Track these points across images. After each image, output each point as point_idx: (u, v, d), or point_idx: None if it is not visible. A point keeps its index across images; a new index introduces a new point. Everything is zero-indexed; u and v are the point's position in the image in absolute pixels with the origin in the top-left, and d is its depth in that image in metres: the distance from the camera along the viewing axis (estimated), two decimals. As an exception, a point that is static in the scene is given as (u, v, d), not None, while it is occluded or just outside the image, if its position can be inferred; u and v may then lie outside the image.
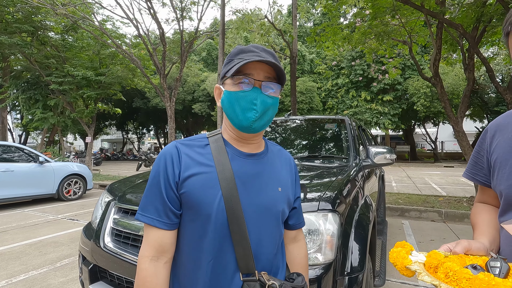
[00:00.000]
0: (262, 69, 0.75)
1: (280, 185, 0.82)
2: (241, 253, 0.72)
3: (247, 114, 0.74)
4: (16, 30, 11.03)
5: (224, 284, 0.73)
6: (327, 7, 6.99)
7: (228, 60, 0.79)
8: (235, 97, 0.75)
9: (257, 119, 0.74)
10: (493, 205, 0.86)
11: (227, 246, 0.73)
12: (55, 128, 16.77)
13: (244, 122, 0.74)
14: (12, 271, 2.98)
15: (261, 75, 0.75)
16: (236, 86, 0.75)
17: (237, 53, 0.77)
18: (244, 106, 0.74)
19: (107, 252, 1.51)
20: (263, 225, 0.77)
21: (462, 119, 5.47)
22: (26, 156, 6.44)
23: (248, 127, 0.75)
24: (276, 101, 0.78)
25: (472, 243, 0.69)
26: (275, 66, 0.75)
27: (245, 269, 0.73)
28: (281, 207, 0.80)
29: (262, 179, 0.79)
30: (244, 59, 0.73)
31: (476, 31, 5.23)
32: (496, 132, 0.79)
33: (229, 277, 0.73)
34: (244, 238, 0.72)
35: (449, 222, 4.81)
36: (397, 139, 28.76)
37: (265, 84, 0.75)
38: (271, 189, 0.79)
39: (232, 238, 0.72)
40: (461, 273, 0.53)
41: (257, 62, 0.73)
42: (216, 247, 0.72)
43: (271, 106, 0.77)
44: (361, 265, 1.30)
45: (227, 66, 0.78)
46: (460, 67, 14.32)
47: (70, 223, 4.92)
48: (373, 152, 2.30)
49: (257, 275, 0.73)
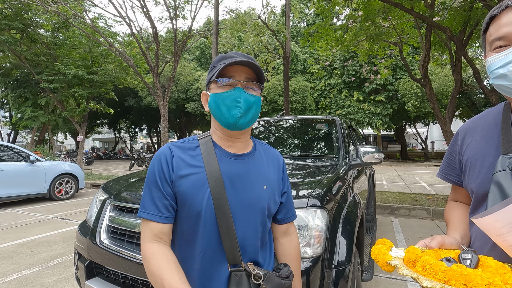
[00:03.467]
0: (242, 71, 0.83)
1: (266, 183, 0.88)
2: (229, 246, 0.79)
3: (232, 112, 0.81)
4: (5, 27, 10.81)
5: (214, 274, 0.80)
6: (320, 8, 7.09)
7: (211, 67, 0.86)
8: (220, 98, 0.82)
9: (242, 116, 0.81)
10: (465, 203, 0.92)
11: (216, 240, 0.80)
12: (45, 127, 16.51)
13: (230, 119, 0.81)
14: (4, 270, 2.97)
15: (242, 76, 0.83)
16: (220, 88, 0.83)
17: (219, 60, 0.85)
18: (229, 104, 0.81)
19: (103, 249, 1.54)
20: (249, 220, 0.83)
21: (450, 120, 5.62)
22: (16, 155, 6.35)
23: (234, 123, 0.82)
24: (258, 99, 0.85)
25: (445, 238, 0.74)
26: (254, 68, 0.83)
27: (232, 261, 0.80)
28: (266, 203, 0.87)
29: (248, 178, 0.86)
30: (225, 63, 0.80)
31: (463, 34, 5.39)
32: (466, 134, 0.86)
33: (218, 268, 0.80)
34: (231, 232, 0.79)
35: (437, 220, 4.95)
36: (389, 139, 29.14)
37: (246, 83, 0.83)
38: (256, 187, 0.86)
39: (220, 232, 0.79)
40: (437, 266, 0.58)
41: (237, 65, 0.81)
42: (206, 240, 0.80)
43: (253, 104, 0.84)
44: (348, 259, 1.37)
45: (211, 72, 0.85)
46: (449, 68, 14.62)
47: (62, 222, 4.89)
48: (362, 151, 2.38)
49: (244, 266, 0.80)
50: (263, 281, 0.77)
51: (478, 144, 0.79)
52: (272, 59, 12.26)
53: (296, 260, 0.98)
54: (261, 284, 0.77)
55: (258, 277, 0.78)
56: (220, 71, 0.80)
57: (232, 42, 18.05)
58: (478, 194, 0.76)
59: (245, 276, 0.78)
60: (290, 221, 0.99)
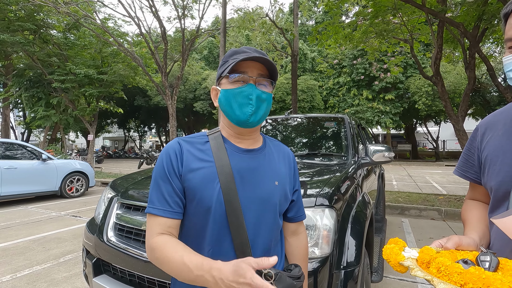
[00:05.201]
0: (255, 67, 0.80)
1: (277, 179, 0.86)
2: (239, 243, 0.77)
3: (244, 109, 0.78)
4: (19, 28, 11.07)
5: None
6: (329, 5, 6.99)
7: (223, 62, 0.84)
8: (231, 94, 0.79)
9: (253, 113, 0.79)
10: (483, 202, 0.88)
11: (226, 236, 0.77)
12: (57, 126, 16.84)
13: (242, 116, 0.79)
14: (16, 266, 3.03)
15: (254, 73, 0.80)
16: (232, 84, 0.80)
17: (231, 54, 0.82)
18: (241, 101, 0.78)
19: (110, 246, 1.55)
20: (260, 216, 0.80)
21: (463, 118, 5.48)
22: (29, 154, 6.50)
23: (245, 121, 0.79)
24: (270, 96, 0.83)
25: (462, 238, 0.71)
26: (267, 63, 0.80)
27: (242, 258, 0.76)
28: (278, 200, 0.84)
29: (259, 173, 0.83)
30: (238, 58, 0.78)
31: (477, 29, 5.23)
32: (486, 130, 0.81)
33: None
34: (241, 228, 0.76)
35: (449, 221, 4.83)
36: (399, 138, 28.70)
37: (258, 80, 0.80)
38: (267, 183, 0.83)
39: (230, 228, 0.76)
40: (453, 268, 0.55)
41: (250, 60, 0.78)
42: (215, 237, 0.77)
43: (265, 101, 0.81)
44: (357, 260, 1.33)
45: (222, 67, 0.82)
46: (462, 66, 14.27)
47: (73, 219, 4.98)
48: (372, 150, 2.33)
49: None
50: (274, 281, 0.74)
51: (500, 140, 0.75)
52: (280, 57, 12.20)
53: (304, 260, 0.95)
54: (272, 284, 0.75)
55: (269, 276, 0.75)
56: (232, 66, 0.78)
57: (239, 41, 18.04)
58: (498, 193, 0.72)
59: None
60: (300, 220, 0.96)
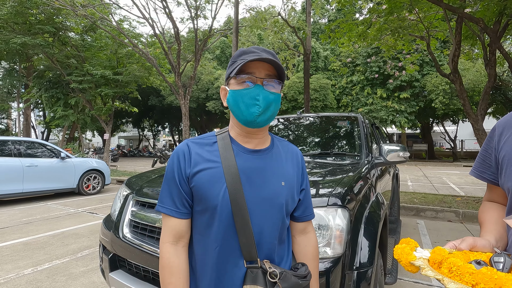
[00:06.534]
0: (263, 67, 0.80)
1: (284, 179, 0.86)
2: (244, 242, 0.78)
3: (251, 110, 0.79)
4: (39, 31, 11.50)
5: (230, 270, 0.79)
6: (342, 3, 6.88)
7: (231, 62, 0.85)
8: (239, 95, 0.80)
9: (260, 114, 0.80)
10: (501, 203, 0.85)
11: (232, 235, 0.79)
12: (75, 125, 17.40)
13: (249, 117, 0.80)
14: (37, 259, 3.16)
15: (262, 73, 0.80)
16: (239, 85, 0.81)
17: (240, 54, 0.83)
18: (248, 102, 0.79)
19: (125, 242, 1.59)
20: (266, 216, 0.81)
21: (482, 117, 5.29)
22: (49, 152, 6.74)
23: (252, 121, 0.80)
24: (278, 97, 0.83)
25: (477, 240, 0.69)
26: (275, 64, 0.80)
27: (248, 257, 0.78)
28: (284, 200, 0.84)
29: (266, 173, 0.84)
30: (246, 59, 0.78)
31: (498, 25, 5.02)
32: (504, 129, 0.79)
33: (233, 264, 0.79)
34: (247, 227, 0.78)
35: (467, 223, 4.68)
36: (414, 138, 27.99)
37: (266, 81, 0.81)
38: (274, 183, 0.84)
39: (236, 227, 0.78)
40: (464, 268, 0.54)
41: (257, 61, 0.79)
42: (221, 236, 0.79)
43: (273, 101, 0.82)
44: (370, 261, 1.31)
45: (231, 67, 0.83)
46: (481, 63, 13.77)
47: (90, 216, 5.13)
48: (386, 150, 2.28)
49: (260, 263, 0.78)
50: (279, 280, 0.76)
51: None
52: (292, 56, 12.12)
53: (313, 260, 0.95)
54: (277, 283, 0.75)
55: (274, 275, 0.76)
56: (240, 66, 0.79)
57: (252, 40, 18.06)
58: None
59: (261, 274, 0.77)
60: (308, 220, 0.96)
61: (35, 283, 2.63)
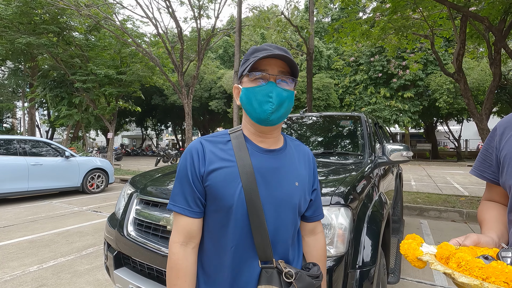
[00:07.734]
0: (276, 64, 0.80)
1: (297, 179, 0.86)
2: (260, 242, 0.77)
3: (264, 107, 0.78)
4: (44, 31, 11.58)
5: (245, 270, 0.79)
6: (345, 1, 6.85)
7: (244, 60, 0.84)
8: (252, 92, 0.80)
9: (273, 111, 0.79)
10: (501, 203, 0.87)
11: (247, 235, 0.78)
12: (79, 125, 17.51)
13: (262, 114, 0.79)
14: (42, 257, 3.20)
15: (275, 70, 0.79)
16: (252, 82, 0.80)
17: (252, 52, 0.82)
18: (261, 99, 0.78)
19: (130, 240, 1.61)
20: (280, 216, 0.81)
21: (487, 117, 5.24)
22: (53, 151, 6.80)
23: (265, 119, 0.79)
24: (291, 94, 0.82)
25: (481, 237, 0.70)
26: (288, 61, 0.79)
27: (263, 257, 0.78)
28: (298, 200, 0.84)
29: (280, 174, 0.83)
30: (258, 56, 0.78)
31: (503, 24, 4.98)
32: (505, 129, 0.80)
33: (249, 264, 0.78)
34: (262, 227, 0.77)
35: (471, 223, 4.66)
36: (418, 137, 27.83)
37: (279, 78, 0.80)
38: (288, 183, 0.83)
39: (251, 227, 0.77)
40: (474, 263, 0.55)
41: (270, 58, 0.78)
42: (237, 235, 0.78)
43: (286, 99, 0.80)
44: (373, 260, 1.32)
45: (244, 65, 0.82)
46: (486, 62, 13.64)
47: (94, 214, 5.17)
48: (389, 149, 2.28)
49: (275, 263, 0.78)
50: (294, 280, 0.75)
51: None
52: (295, 55, 12.10)
53: (322, 260, 0.95)
54: (292, 283, 0.75)
55: (289, 275, 0.76)
56: (253, 64, 0.78)
57: (254, 40, 18.04)
58: None
59: (276, 274, 0.76)
60: (318, 220, 0.96)
61: (41, 280, 2.66)
